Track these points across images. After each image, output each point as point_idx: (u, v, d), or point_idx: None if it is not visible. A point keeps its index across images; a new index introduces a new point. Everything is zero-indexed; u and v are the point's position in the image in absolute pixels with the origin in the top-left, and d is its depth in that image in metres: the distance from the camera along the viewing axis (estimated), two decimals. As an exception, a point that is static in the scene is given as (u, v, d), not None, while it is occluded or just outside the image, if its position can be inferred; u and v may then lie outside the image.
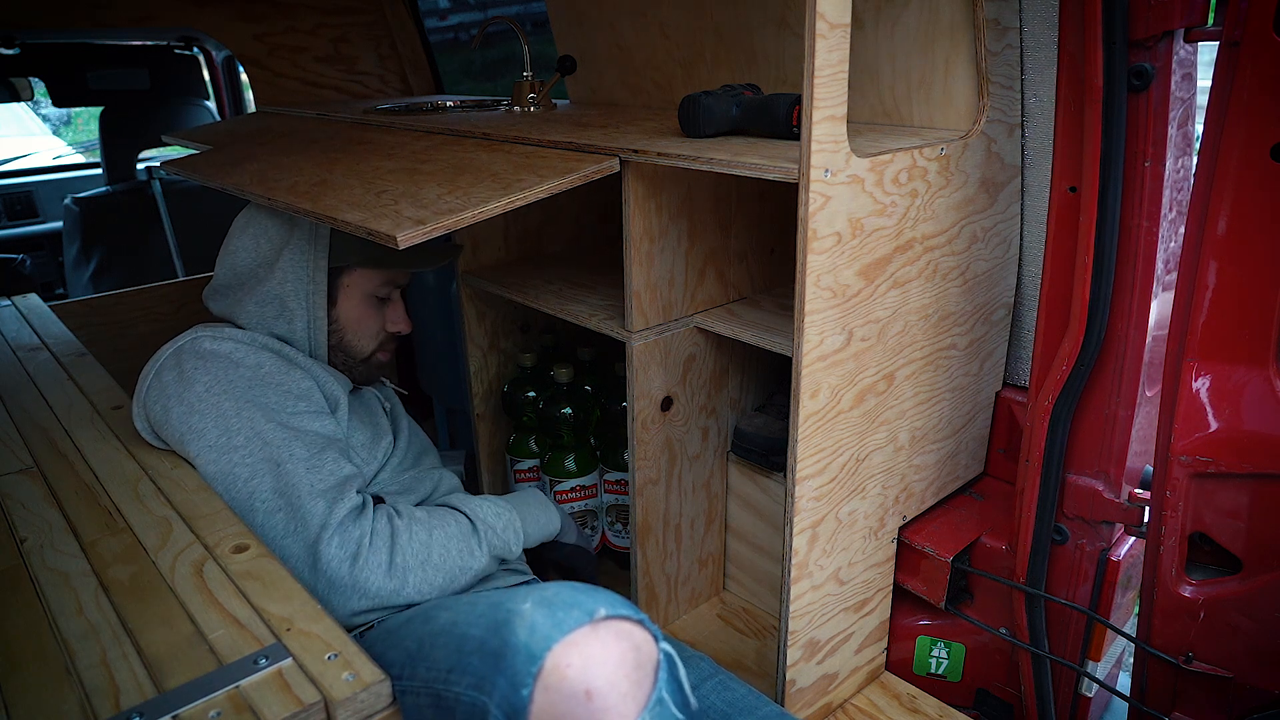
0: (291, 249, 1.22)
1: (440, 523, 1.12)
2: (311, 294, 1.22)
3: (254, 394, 1.10)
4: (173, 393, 1.12)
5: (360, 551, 1.02)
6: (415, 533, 1.07)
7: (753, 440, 1.43)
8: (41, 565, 0.92)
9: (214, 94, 3.31)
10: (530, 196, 1.04)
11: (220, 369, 1.12)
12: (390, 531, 1.06)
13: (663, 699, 0.84)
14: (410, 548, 1.06)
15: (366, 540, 1.03)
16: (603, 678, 0.80)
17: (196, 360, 1.13)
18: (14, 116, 4.49)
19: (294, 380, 1.14)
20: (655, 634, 0.87)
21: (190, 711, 0.71)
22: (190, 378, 1.11)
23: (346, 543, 1.02)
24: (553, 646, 0.80)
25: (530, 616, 0.83)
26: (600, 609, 0.84)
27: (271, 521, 1.03)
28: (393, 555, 1.04)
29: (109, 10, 2.07)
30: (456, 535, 1.11)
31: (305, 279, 1.22)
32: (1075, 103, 1.07)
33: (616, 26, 1.70)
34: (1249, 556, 1.07)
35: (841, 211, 1.01)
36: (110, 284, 2.68)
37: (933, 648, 1.43)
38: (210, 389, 1.10)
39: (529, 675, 0.80)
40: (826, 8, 0.88)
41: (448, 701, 0.86)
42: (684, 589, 1.52)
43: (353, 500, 1.05)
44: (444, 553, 1.09)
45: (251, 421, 1.08)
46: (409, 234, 0.94)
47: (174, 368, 1.13)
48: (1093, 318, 1.12)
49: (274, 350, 1.17)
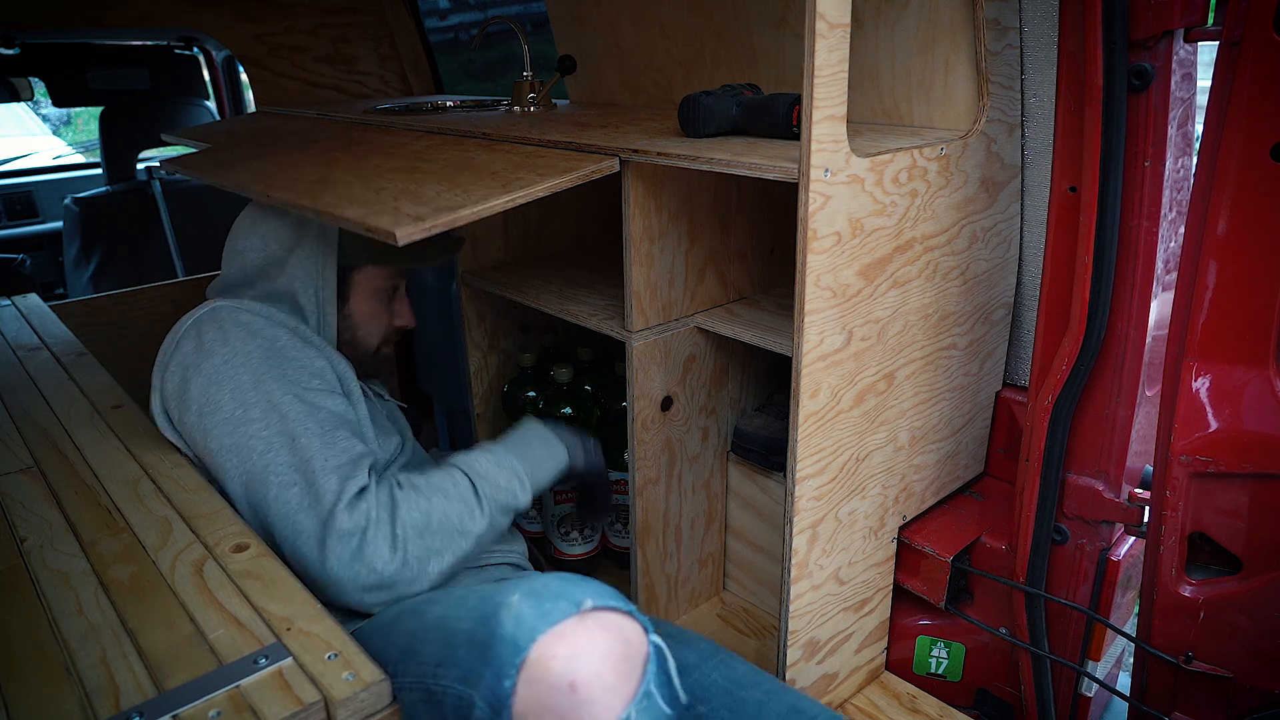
0: (302, 249, 1.22)
1: (439, 487, 1.10)
2: (321, 290, 1.23)
3: (270, 366, 1.10)
4: (191, 362, 1.12)
5: (367, 528, 1.01)
6: (415, 502, 1.07)
7: (753, 440, 1.43)
8: (41, 565, 0.92)
9: (214, 94, 3.30)
10: (530, 195, 1.04)
11: (238, 339, 1.12)
12: (391, 504, 1.05)
13: (650, 693, 0.83)
14: (410, 517, 1.05)
15: (373, 514, 1.03)
16: (588, 670, 0.79)
17: (215, 330, 1.13)
18: (14, 116, 4.49)
19: (309, 357, 1.14)
20: (645, 626, 0.86)
21: (190, 711, 0.72)
22: (209, 349, 1.11)
23: (356, 519, 1.01)
24: (538, 637, 0.80)
25: (517, 608, 0.83)
26: (587, 600, 0.83)
27: (286, 495, 1.03)
28: (394, 528, 1.03)
29: (109, 10, 2.06)
30: (456, 498, 1.10)
31: (315, 277, 1.22)
32: (1075, 103, 1.07)
33: (616, 26, 1.70)
34: (1249, 556, 1.07)
35: (841, 211, 1.01)
36: (110, 284, 2.68)
37: (933, 648, 1.43)
38: (228, 360, 1.10)
39: (513, 666, 0.79)
40: (826, 8, 0.88)
41: (437, 696, 0.86)
42: (684, 589, 1.52)
43: (363, 479, 1.05)
44: (444, 518, 1.08)
45: (268, 395, 1.07)
46: (408, 230, 0.94)
47: (194, 337, 1.14)
48: (1093, 318, 1.12)
49: (290, 327, 1.17)
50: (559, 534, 1.65)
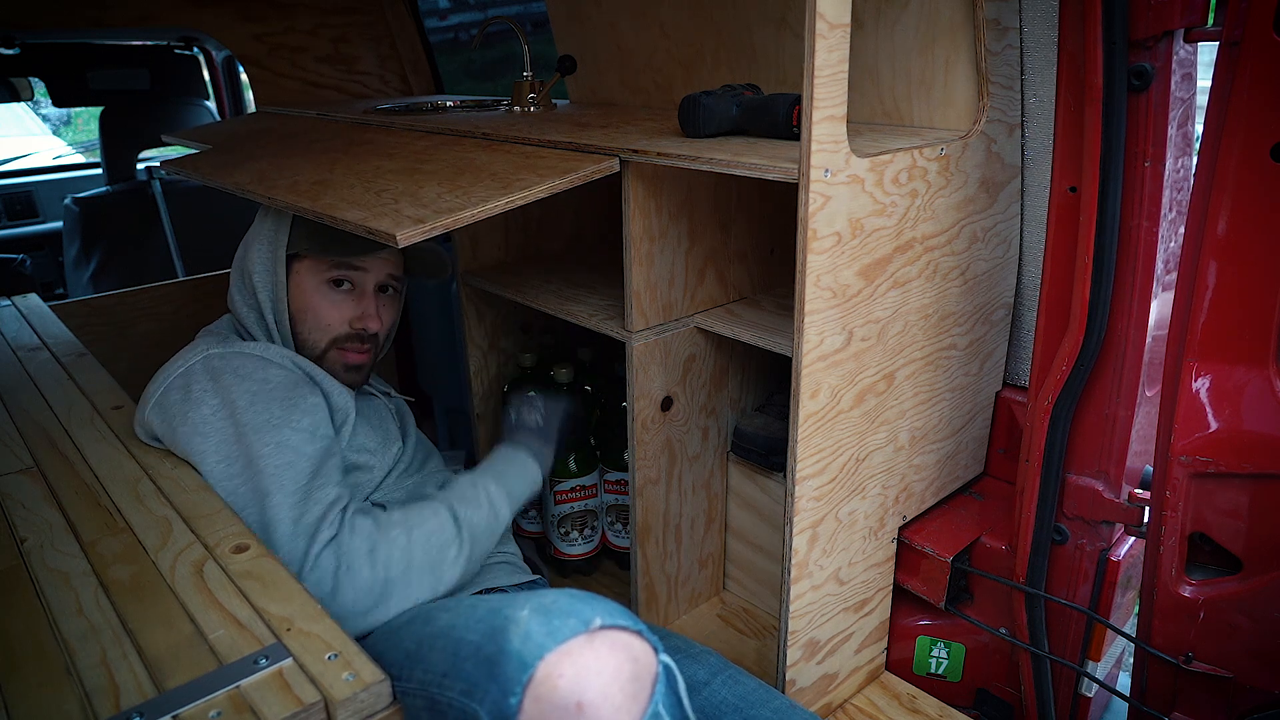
0: (261, 237, 1.22)
1: (419, 526, 1.10)
2: (274, 283, 1.21)
3: (256, 413, 1.08)
4: (177, 413, 1.10)
5: (339, 581, 1.01)
6: (395, 543, 1.06)
7: (753, 440, 1.43)
8: (41, 565, 0.92)
9: (214, 94, 3.31)
10: (530, 196, 1.04)
11: (229, 383, 1.10)
12: (369, 549, 1.04)
13: (659, 714, 0.82)
14: (391, 557, 1.05)
15: (344, 567, 1.02)
16: (596, 689, 0.78)
17: (206, 381, 1.11)
18: (14, 116, 4.49)
19: (301, 395, 1.12)
20: (655, 645, 0.85)
21: (190, 711, 0.71)
22: (197, 399, 1.10)
23: (324, 577, 1.01)
24: (545, 655, 0.79)
25: (526, 624, 0.81)
26: (597, 619, 0.81)
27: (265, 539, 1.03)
28: (374, 571, 1.03)
29: (109, 10, 2.07)
30: (437, 546, 1.10)
31: (269, 260, 1.21)
32: (1075, 103, 1.07)
33: (616, 26, 1.70)
34: (1249, 556, 1.07)
35: (841, 211, 1.01)
36: (110, 284, 2.68)
37: (933, 648, 1.43)
38: (216, 412, 1.08)
39: (519, 683, 0.78)
40: (826, 8, 0.88)
41: (441, 706, 0.85)
42: (684, 589, 1.52)
43: (331, 531, 1.04)
44: (425, 556, 1.08)
45: (248, 448, 1.06)
46: (408, 232, 0.94)
47: (181, 389, 1.11)
48: (1093, 318, 1.12)
49: (286, 367, 1.15)
50: (559, 534, 1.65)
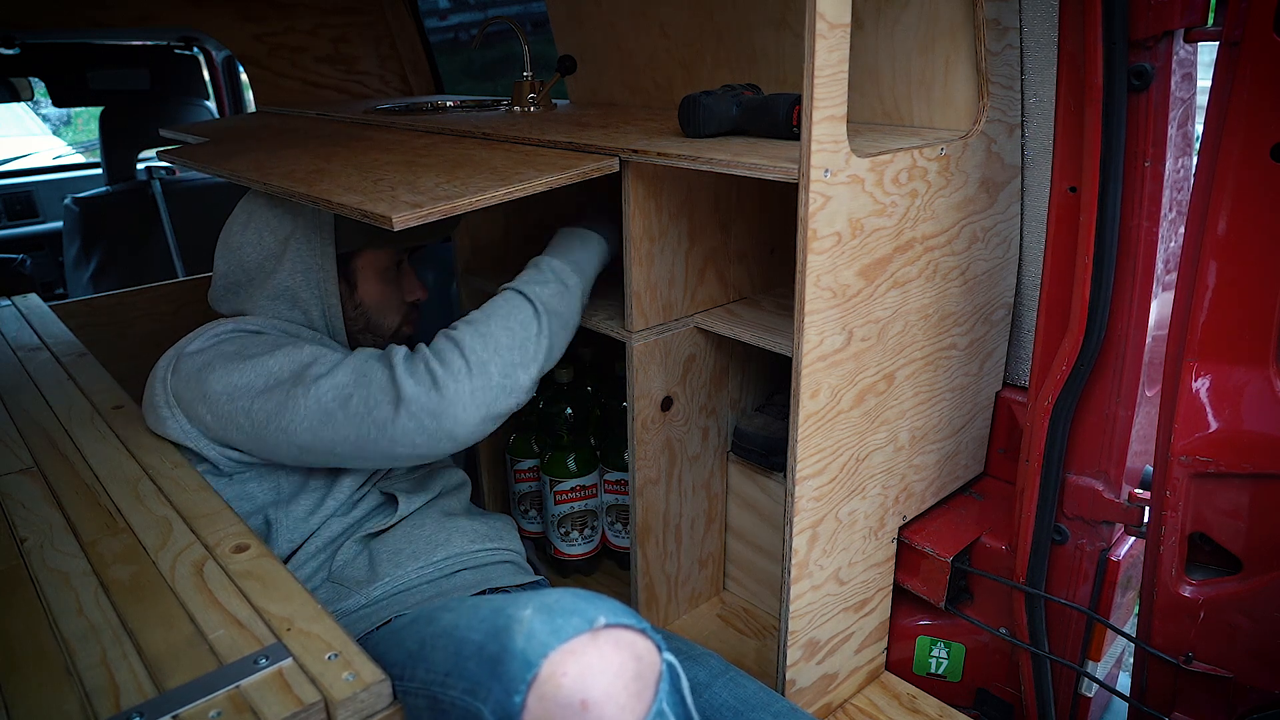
0: (297, 240, 1.22)
1: (484, 314, 1.14)
2: (323, 282, 1.23)
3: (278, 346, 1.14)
4: (202, 362, 1.14)
5: (435, 371, 1.06)
6: (476, 331, 1.11)
7: (753, 440, 1.43)
8: (41, 565, 0.92)
9: (214, 94, 3.31)
10: (529, 189, 1.04)
11: (246, 333, 1.16)
12: (451, 342, 1.09)
13: (663, 712, 0.82)
14: (477, 344, 1.09)
15: (435, 361, 1.07)
16: (600, 688, 0.78)
17: (218, 339, 1.17)
18: (14, 116, 4.49)
19: (303, 343, 1.17)
20: (659, 644, 0.85)
21: (190, 711, 0.71)
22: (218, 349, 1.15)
23: (419, 373, 1.06)
24: (549, 654, 0.78)
25: (529, 623, 0.81)
26: (601, 617, 0.81)
27: (348, 411, 1.06)
28: (466, 357, 1.07)
29: (109, 10, 2.07)
30: (509, 314, 1.14)
31: (315, 268, 1.22)
32: (1075, 103, 1.07)
33: (616, 26, 1.70)
34: (1249, 556, 1.07)
35: (841, 211, 1.01)
36: (110, 284, 2.68)
37: (933, 648, 1.43)
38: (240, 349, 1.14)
39: (523, 682, 0.78)
40: (826, 8, 0.88)
41: (444, 705, 0.85)
42: (684, 589, 1.52)
43: (402, 350, 1.10)
44: (508, 333, 1.12)
45: (288, 356, 1.12)
46: (404, 216, 0.94)
47: (195, 353, 1.16)
48: (1093, 318, 1.12)
49: (294, 334, 1.20)
50: (559, 534, 1.65)
